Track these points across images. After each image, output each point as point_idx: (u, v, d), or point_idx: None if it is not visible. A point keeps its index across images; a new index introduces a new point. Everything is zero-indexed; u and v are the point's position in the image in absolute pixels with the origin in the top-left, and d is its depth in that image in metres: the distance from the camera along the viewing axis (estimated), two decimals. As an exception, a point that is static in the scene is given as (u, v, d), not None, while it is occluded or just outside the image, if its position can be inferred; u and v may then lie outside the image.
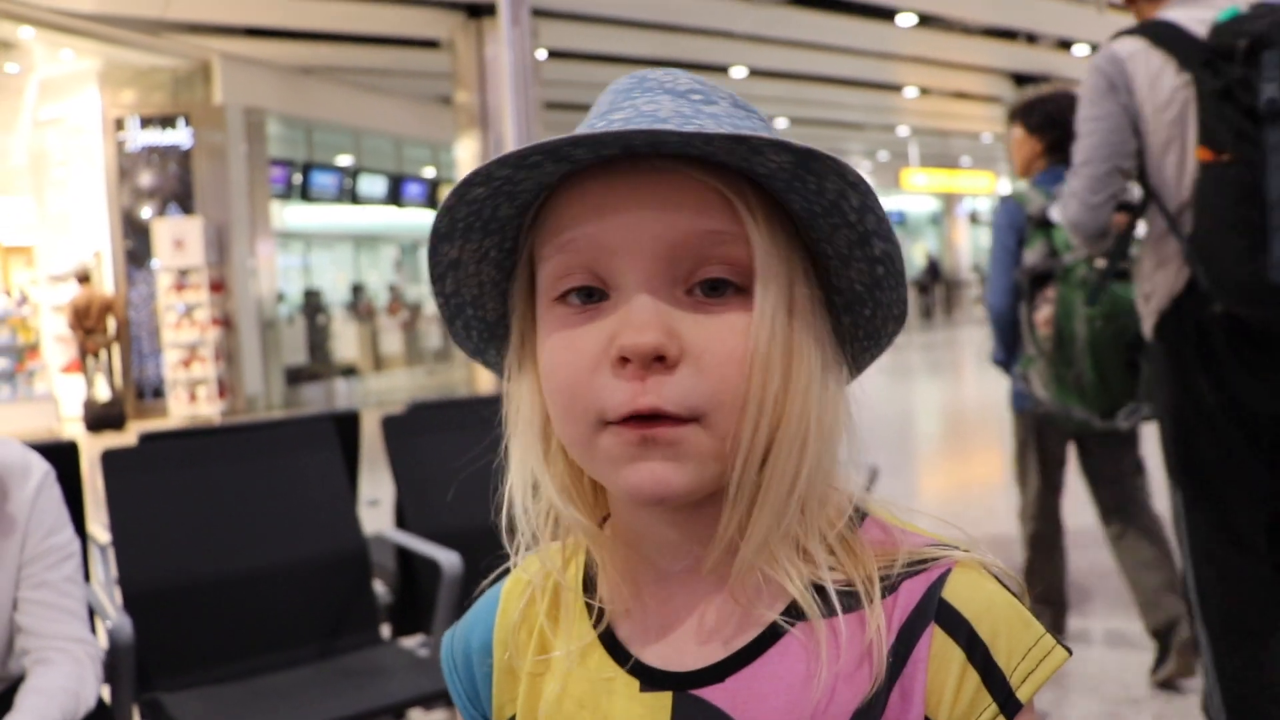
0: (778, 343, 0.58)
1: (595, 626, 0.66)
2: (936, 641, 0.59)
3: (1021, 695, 0.58)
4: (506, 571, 0.73)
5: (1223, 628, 2.15)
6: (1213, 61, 1.99)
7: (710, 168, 0.58)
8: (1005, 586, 0.62)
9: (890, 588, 0.60)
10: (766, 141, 0.54)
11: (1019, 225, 3.11)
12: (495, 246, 0.64)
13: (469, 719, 0.73)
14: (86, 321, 10.82)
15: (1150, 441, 2.89)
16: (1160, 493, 2.70)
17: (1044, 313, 2.90)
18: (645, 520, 0.64)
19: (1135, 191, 2.34)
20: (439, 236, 0.62)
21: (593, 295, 0.60)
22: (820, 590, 0.60)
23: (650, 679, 0.63)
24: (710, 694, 0.61)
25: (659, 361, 0.56)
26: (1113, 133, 2.19)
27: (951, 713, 0.58)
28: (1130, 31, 2.22)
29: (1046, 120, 3.13)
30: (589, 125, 0.60)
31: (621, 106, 0.61)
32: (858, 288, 0.63)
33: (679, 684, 0.62)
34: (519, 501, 0.65)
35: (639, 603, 0.66)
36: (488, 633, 0.72)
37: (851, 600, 0.60)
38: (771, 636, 0.61)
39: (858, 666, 0.59)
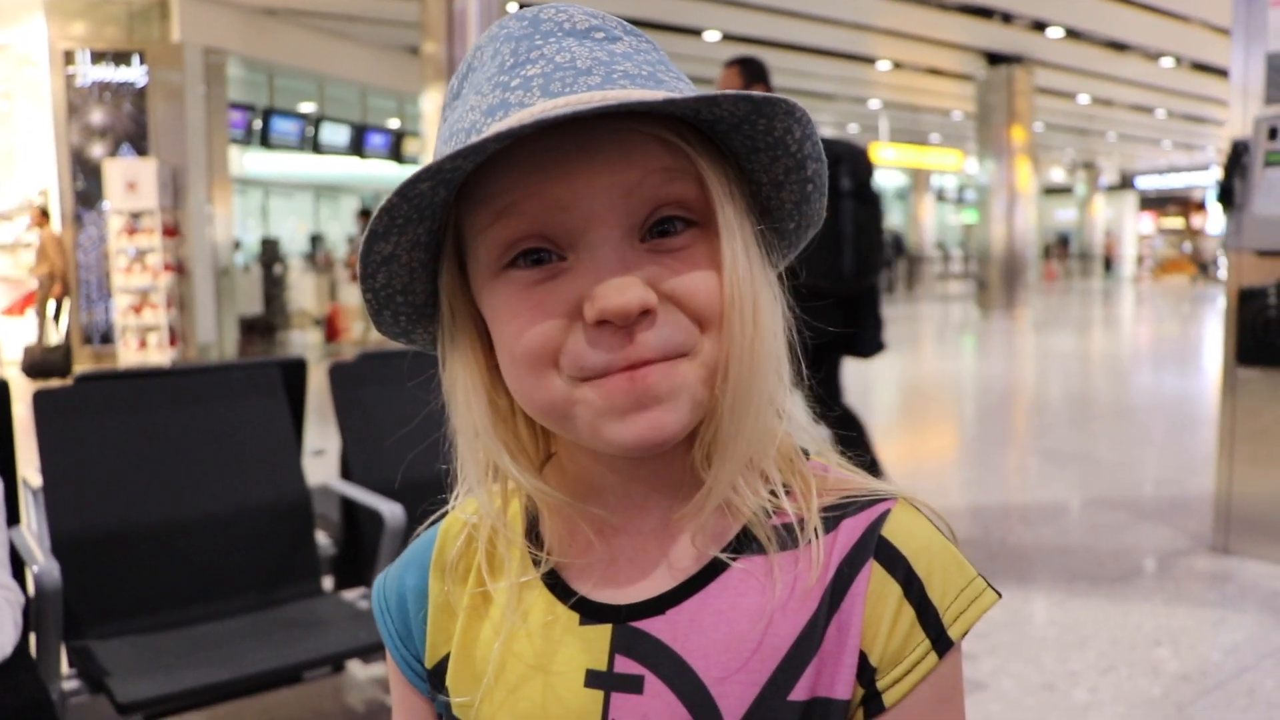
0: (746, 272, 0.58)
1: (537, 567, 0.66)
2: (875, 577, 0.60)
3: (953, 634, 0.59)
4: (444, 516, 0.73)
5: None
6: None
7: (651, 117, 0.58)
8: (939, 530, 0.63)
9: (831, 523, 0.62)
10: (731, 98, 0.55)
11: None
12: (427, 230, 0.62)
13: (399, 659, 0.72)
14: (46, 264, 10.54)
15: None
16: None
17: None
18: (603, 472, 0.64)
19: None
20: (375, 237, 0.59)
21: (542, 260, 0.58)
22: (771, 520, 0.62)
23: (590, 612, 0.64)
24: (650, 625, 0.62)
25: (643, 316, 0.56)
26: None
27: (886, 647, 0.59)
28: None
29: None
30: (499, 84, 0.59)
31: (531, 59, 0.59)
32: (787, 205, 0.65)
33: (619, 617, 0.63)
34: (463, 450, 0.65)
35: (584, 543, 0.66)
36: (423, 572, 0.72)
37: (793, 534, 0.62)
38: (714, 570, 0.62)
39: (798, 600, 0.60)
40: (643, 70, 0.59)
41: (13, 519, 2.16)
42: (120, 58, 11.20)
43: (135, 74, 11.21)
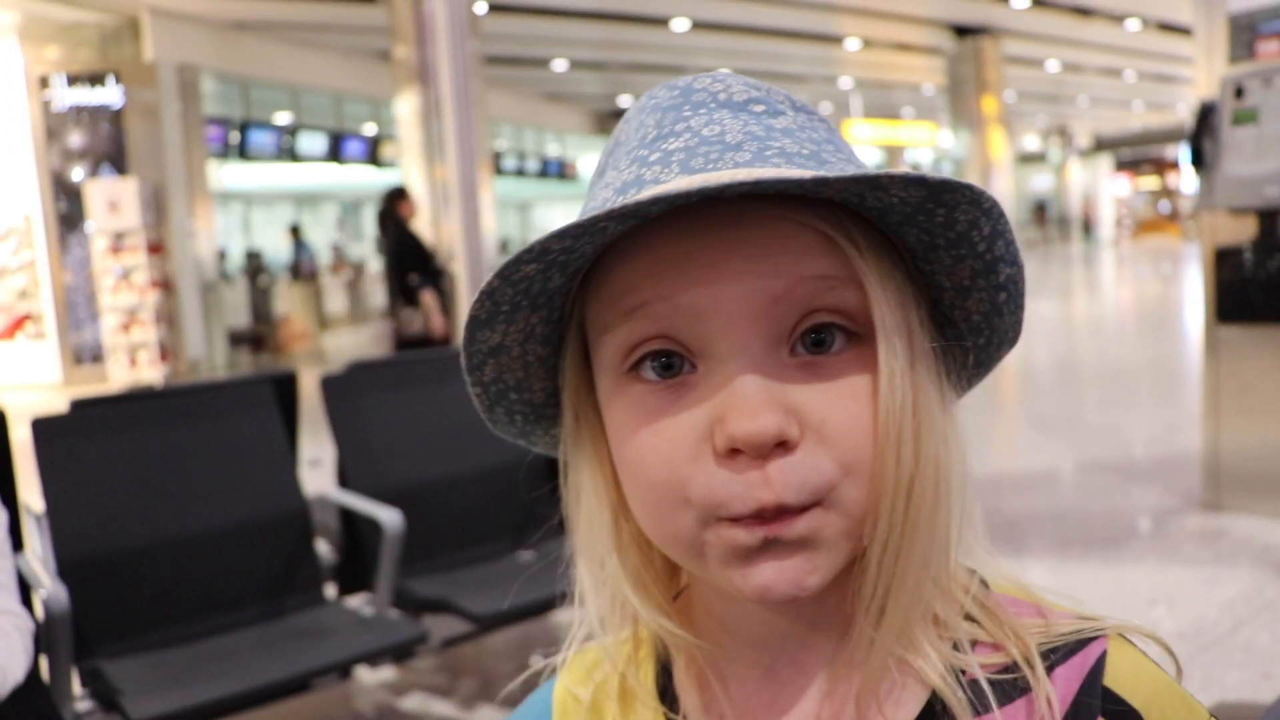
0: (907, 401, 0.50)
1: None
2: None
3: None
4: (553, 669, 0.65)
5: None
6: None
7: (807, 203, 0.50)
8: (1161, 668, 0.54)
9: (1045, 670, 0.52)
10: (899, 179, 0.46)
11: None
12: (542, 321, 0.54)
13: None
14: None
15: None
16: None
17: None
18: (749, 610, 0.56)
19: None
20: (478, 324, 0.52)
21: (672, 366, 0.51)
22: (964, 676, 0.52)
23: None
24: None
25: (779, 446, 0.48)
26: None
27: None
28: None
29: None
30: (638, 159, 0.52)
31: (675, 131, 0.52)
32: (975, 318, 0.56)
33: None
34: (591, 601, 0.58)
35: (726, 702, 0.58)
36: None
37: (1005, 689, 0.52)
38: None
39: None
40: (804, 149, 0.51)
41: (17, 545, 2.19)
42: (95, 79, 11.17)
43: (111, 95, 11.18)
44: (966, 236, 0.51)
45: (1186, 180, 28.88)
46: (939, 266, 0.53)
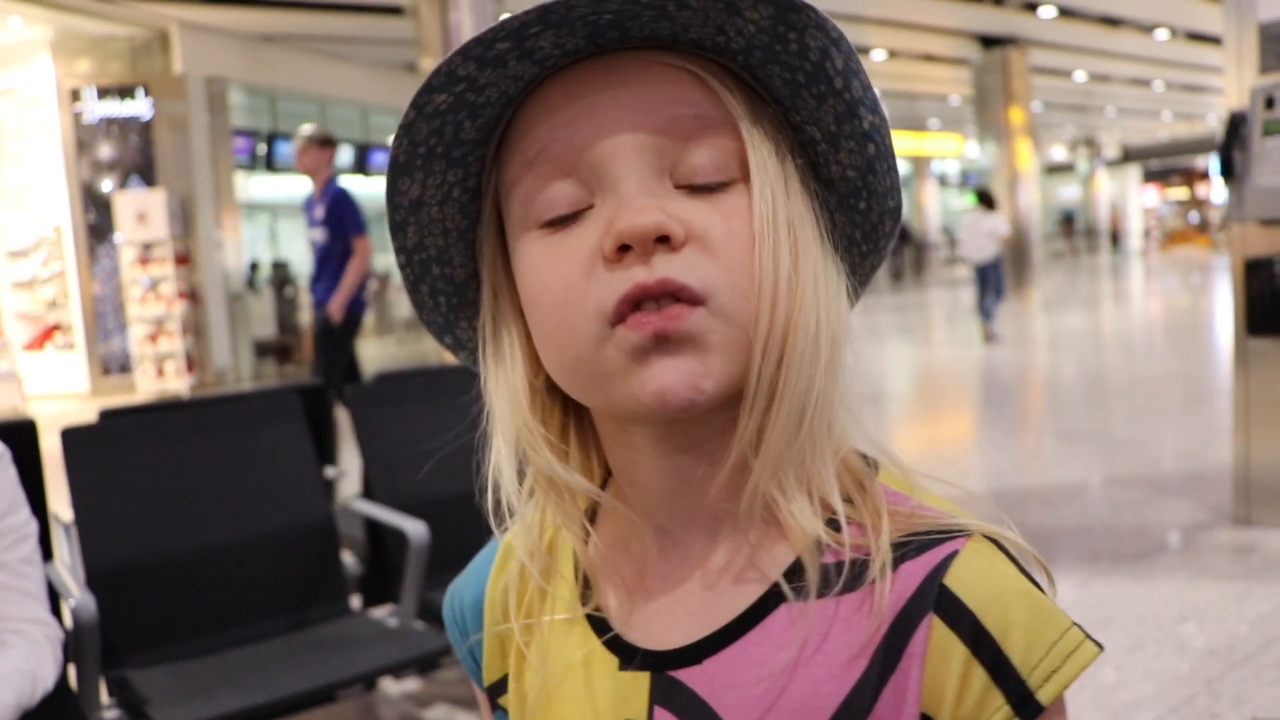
0: (781, 223, 0.53)
1: (583, 604, 0.62)
2: (935, 634, 0.52)
3: (1043, 696, 0.51)
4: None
5: None
6: None
7: (681, 53, 0.55)
8: (1022, 570, 0.54)
9: (890, 566, 0.54)
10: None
11: None
12: (459, 183, 0.58)
13: (469, 669, 0.71)
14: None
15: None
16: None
17: None
18: (646, 467, 0.59)
19: None
20: (398, 168, 0.55)
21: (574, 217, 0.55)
22: (826, 549, 0.54)
23: (629, 656, 0.59)
24: (688, 676, 0.57)
25: (662, 243, 0.51)
26: None
27: (956, 712, 0.51)
28: None
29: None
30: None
31: None
32: (850, 174, 0.58)
33: (657, 663, 0.58)
34: (506, 475, 0.60)
35: (631, 571, 0.61)
36: (481, 586, 0.69)
37: (852, 574, 0.54)
38: (758, 611, 0.56)
39: (847, 656, 0.53)
40: None
41: (46, 554, 2.21)
42: (125, 92, 11.34)
43: (140, 107, 11.33)
44: (821, 68, 0.54)
45: (1216, 190, 28.65)
46: (806, 112, 0.56)
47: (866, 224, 0.61)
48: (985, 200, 11.39)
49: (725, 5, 0.51)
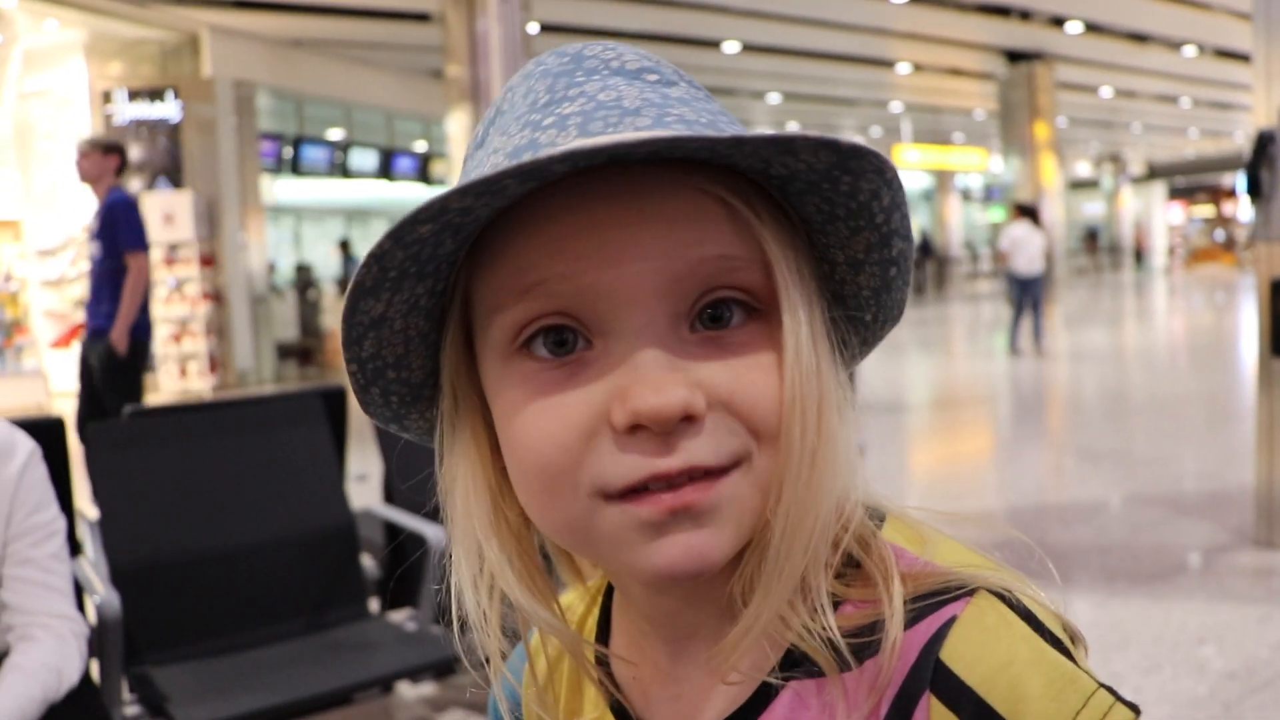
0: (811, 371, 0.48)
1: (610, 691, 0.61)
2: (935, 716, 0.47)
3: None
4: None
5: None
6: None
7: (708, 172, 0.48)
8: (1038, 628, 0.47)
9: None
10: (811, 141, 0.45)
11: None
12: (428, 292, 0.51)
13: None
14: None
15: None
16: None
17: None
18: (638, 597, 0.57)
19: None
20: (363, 291, 0.48)
21: (565, 343, 0.48)
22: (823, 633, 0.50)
23: None
24: None
25: (685, 422, 0.46)
26: None
27: None
28: None
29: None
30: (530, 124, 0.49)
31: (569, 96, 0.50)
32: (865, 293, 0.55)
33: None
34: (469, 595, 0.55)
35: (646, 662, 0.59)
36: (518, 676, 0.65)
37: (860, 649, 0.49)
38: (764, 697, 0.52)
39: None
40: (702, 117, 0.49)
41: (73, 551, 2.24)
42: (155, 94, 11.46)
43: (169, 109, 11.45)
44: (867, 207, 0.50)
45: (1243, 209, 28.43)
46: (835, 239, 0.52)
47: (868, 333, 0.58)
48: (1031, 215, 11.37)
49: (781, 148, 0.46)
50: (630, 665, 0.60)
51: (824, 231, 0.52)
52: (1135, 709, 0.46)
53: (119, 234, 4.84)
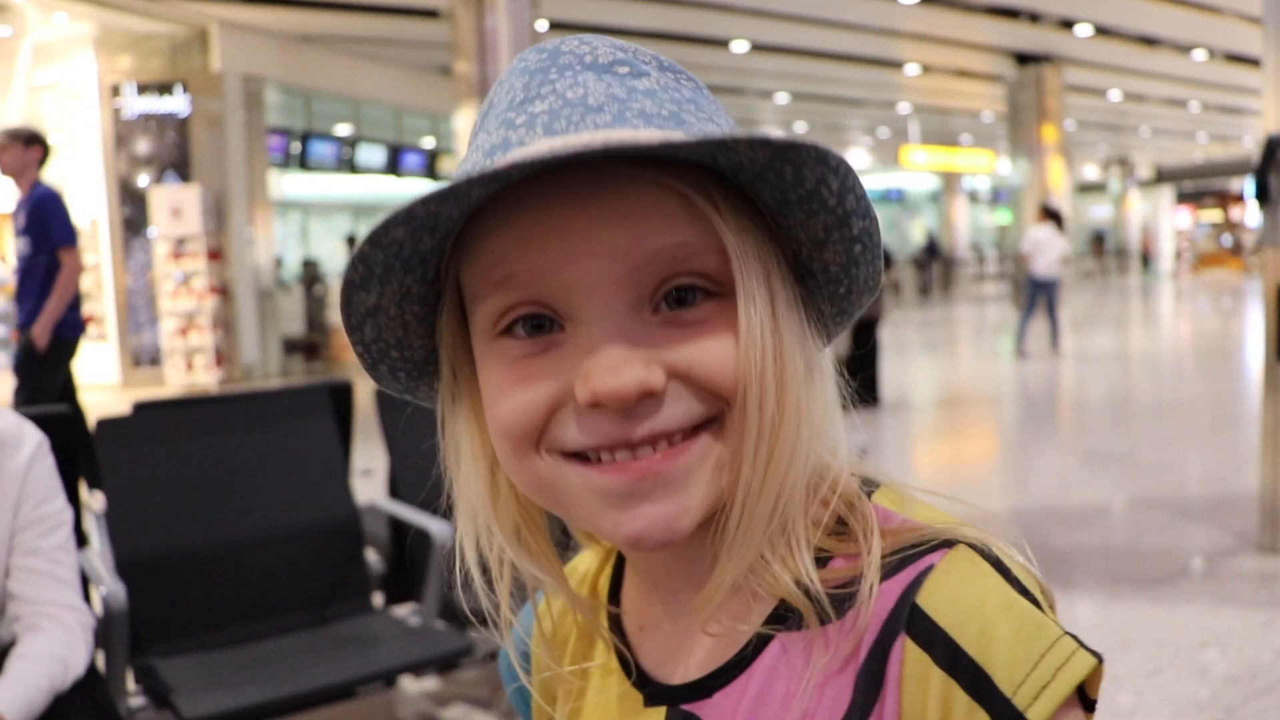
0: (768, 348, 0.51)
1: (617, 638, 0.65)
2: (910, 657, 0.49)
3: (1034, 715, 0.47)
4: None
5: None
6: None
7: (666, 164, 0.51)
8: (1011, 579, 0.51)
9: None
10: (744, 141, 0.48)
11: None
12: (418, 281, 0.56)
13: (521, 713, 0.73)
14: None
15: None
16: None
17: None
18: (629, 550, 0.62)
19: None
20: (352, 287, 0.53)
21: (542, 326, 0.53)
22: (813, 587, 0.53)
23: (650, 693, 0.61)
24: (701, 709, 0.58)
25: (646, 400, 0.50)
26: None
27: None
28: None
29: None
30: (505, 122, 0.53)
31: (541, 94, 0.53)
32: (833, 269, 0.57)
33: (672, 698, 0.59)
34: (469, 551, 0.60)
35: (651, 614, 0.64)
36: (528, 632, 0.69)
37: (840, 600, 0.53)
38: (759, 644, 0.56)
39: (836, 684, 0.52)
40: (664, 109, 0.52)
41: (79, 542, 2.25)
42: (164, 88, 11.49)
43: (178, 104, 11.48)
44: (816, 193, 0.52)
45: (1250, 214, 28.33)
46: (794, 221, 0.54)
47: (844, 304, 0.60)
48: (1055, 218, 11.35)
49: (717, 146, 0.49)
50: (634, 617, 0.65)
51: (783, 214, 0.54)
52: (1098, 656, 0.49)
53: (51, 229, 4.71)
